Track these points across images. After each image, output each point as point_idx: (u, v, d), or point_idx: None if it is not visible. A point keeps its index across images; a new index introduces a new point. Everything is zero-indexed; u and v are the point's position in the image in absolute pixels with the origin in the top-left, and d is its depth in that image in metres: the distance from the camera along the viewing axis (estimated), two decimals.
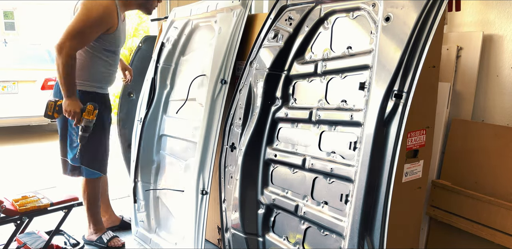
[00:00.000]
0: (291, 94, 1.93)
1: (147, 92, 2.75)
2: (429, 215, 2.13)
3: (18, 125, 6.34)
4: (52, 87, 5.83)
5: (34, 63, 6.23)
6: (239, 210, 2.03)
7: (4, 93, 5.68)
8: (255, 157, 2.00)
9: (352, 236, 1.49)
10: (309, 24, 1.83)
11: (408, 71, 1.39)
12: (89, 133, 2.36)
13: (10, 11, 19.27)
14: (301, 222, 1.81)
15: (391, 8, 1.46)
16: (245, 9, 2.15)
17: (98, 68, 2.44)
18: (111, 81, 2.57)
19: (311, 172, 1.76)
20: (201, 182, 2.17)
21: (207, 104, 2.20)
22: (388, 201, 1.40)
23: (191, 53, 2.57)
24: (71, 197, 2.33)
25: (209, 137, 2.17)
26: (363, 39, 1.60)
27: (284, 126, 1.93)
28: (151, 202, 2.68)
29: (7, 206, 2.12)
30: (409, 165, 1.62)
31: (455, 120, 2.11)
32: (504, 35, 2.01)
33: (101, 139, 2.53)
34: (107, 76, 2.51)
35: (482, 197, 1.89)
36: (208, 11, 2.40)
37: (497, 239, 1.83)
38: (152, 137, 2.70)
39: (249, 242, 2.02)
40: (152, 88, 2.73)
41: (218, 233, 2.58)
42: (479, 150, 2.00)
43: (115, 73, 2.59)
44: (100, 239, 2.64)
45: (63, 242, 2.59)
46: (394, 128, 1.41)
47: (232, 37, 2.17)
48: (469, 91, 2.11)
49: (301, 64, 1.87)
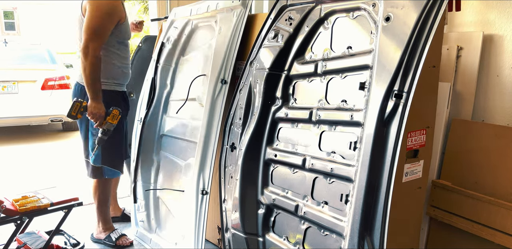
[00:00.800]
0: (291, 94, 1.92)
1: (147, 92, 2.75)
2: (429, 215, 2.13)
3: (18, 125, 6.34)
4: (52, 87, 5.91)
5: (34, 63, 6.23)
6: (239, 210, 2.03)
7: (4, 93, 5.68)
8: (255, 157, 2.00)
9: (352, 236, 1.49)
10: (309, 24, 1.83)
11: (408, 71, 1.39)
12: (108, 136, 2.36)
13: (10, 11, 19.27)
14: (301, 222, 1.81)
15: (391, 8, 1.46)
16: (245, 9, 2.15)
17: (112, 62, 2.43)
18: (126, 76, 2.57)
19: (311, 172, 1.76)
20: (201, 182, 2.17)
21: (207, 104, 2.20)
22: (388, 201, 1.40)
23: (191, 53, 2.57)
24: (71, 197, 2.33)
25: (209, 137, 2.17)
26: (363, 39, 1.60)
27: (284, 126, 1.93)
28: (151, 202, 2.68)
29: (7, 206, 2.12)
30: (409, 165, 1.62)
31: (455, 120, 2.11)
32: (504, 35, 2.01)
33: (121, 139, 2.54)
34: (122, 70, 2.50)
35: (482, 197, 1.89)
36: (208, 11, 2.40)
37: (497, 239, 1.83)
38: (152, 137, 2.70)
39: (249, 242, 2.02)
40: (152, 88, 2.73)
41: (218, 233, 2.58)
42: (479, 150, 2.00)
43: (129, 67, 2.58)
44: (109, 238, 2.65)
45: (63, 242, 2.60)
46: (394, 128, 1.41)
47: (232, 37, 2.17)
48: (469, 91, 2.11)
49: (301, 64, 1.87)
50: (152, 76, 2.73)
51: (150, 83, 2.74)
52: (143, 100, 2.78)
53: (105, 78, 2.40)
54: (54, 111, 5.94)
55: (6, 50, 6.42)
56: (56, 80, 5.98)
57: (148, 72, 2.77)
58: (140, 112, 2.78)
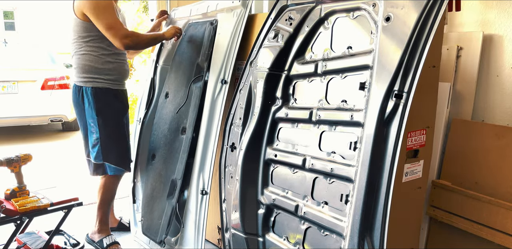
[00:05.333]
0: (291, 94, 1.92)
1: (146, 92, 2.75)
2: (429, 215, 2.13)
3: (18, 125, 6.33)
4: (52, 87, 5.91)
5: (34, 63, 6.23)
6: (239, 210, 2.03)
7: (4, 93, 5.67)
8: (255, 157, 2.00)
9: (352, 236, 1.49)
10: (309, 24, 1.83)
11: (408, 71, 1.39)
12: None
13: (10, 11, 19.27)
14: (301, 222, 1.81)
15: (392, 8, 1.46)
16: (245, 10, 2.15)
17: (105, 59, 2.40)
18: (122, 73, 2.50)
19: (311, 172, 1.76)
20: (201, 182, 2.17)
21: (207, 104, 2.20)
22: (388, 201, 1.40)
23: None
24: (71, 197, 2.33)
25: (209, 137, 2.17)
26: (364, 39, 1.60)
27: (284, 126, 1.93)
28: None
29: (7, 206, 2.12)
30: (409, 165, 1.62)
31: (455, 120, 2.11)
32: (504, 35, 2.01)
33: (120, 136, 2.51)
34: (116, 67, 2.45)
35: (482, 197, 1.89)
36: (208, 11, 2.40)
37: (497, 239, 1.83)
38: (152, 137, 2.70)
39: (249, 242, 2.02)
40: (152, 88, 2.73)
41: (218, 233, 2.58)
42: (479, 150, 2.00)
43: (125, 64, 2.54)
44: (101, 242, 2.60)
45: (63, 242, 2.59)
46: (394, 128, 1.41)
47: (232, 37, 2.17)
48: (469, 91, 2.11)
49: (301, 64, 1.87)
50: (151, 76, 2.73)
51: (149, 83, 2.74)
52: (142, 100, 2.78)
53: (99, 75, 2.39)
54: (54, 111, 5.94)
55: (6, 50, 6.42)
56: (56, 80, 5.98)
57: (147, 72, 2.77)
58: (139, 112, 2.78)
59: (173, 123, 2.42)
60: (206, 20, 2.41)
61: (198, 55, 2.36)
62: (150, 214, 2.48)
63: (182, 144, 2.31)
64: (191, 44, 2.46)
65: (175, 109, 2.43)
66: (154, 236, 2.41)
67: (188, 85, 2.37)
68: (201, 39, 2.37)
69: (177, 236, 2.34)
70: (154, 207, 2.45)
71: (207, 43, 2.32)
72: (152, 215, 2.45)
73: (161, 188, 2.40)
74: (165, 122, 2.49)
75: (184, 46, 2.52)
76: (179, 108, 2.39)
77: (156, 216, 2.41)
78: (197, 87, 2.31)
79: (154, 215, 2.43)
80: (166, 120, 2.49)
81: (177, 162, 2.30)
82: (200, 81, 2.32)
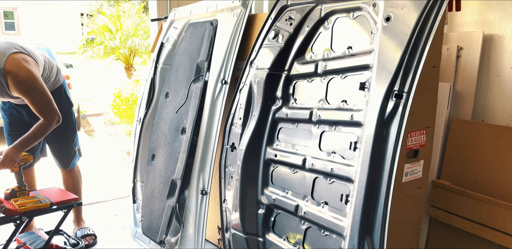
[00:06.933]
0: (291, 94, 1.92)
1: (146, 92, 2.75)
2: (429, 215, 2.13)
3: None
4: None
5: None
6: (239, 210, 2.03)
7: None
8: (255, 157, 2.00)
9: (352, 236, 1.49)
10: (309, 24, 1.83)
11: (409, 71, 1.39)
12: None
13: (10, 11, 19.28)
14: (301, 222, 1.81)
15: (392, 8, 1.46)
16: (245, 10, 2.15)
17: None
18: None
19: (311, 172, 1.76)
20: (201, 182, 2.17)
21: (207, 104, 2.20)
22: (388, 201, 1.40)
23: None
24: (71, 197, 2.33)
25: (209, 137, 2.17)
26: (364, 39, 1.60)
27: (284, 126, 1.93)
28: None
29: (7, 206, 2.12)
30: (409, 165, 1.62)
31: (455, 120, 2.11)
32: (504, 35, 2.01)
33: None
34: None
35: (482, 197, 1.89)
36: (208, 11, 2.40)
37: (497, 239, 1.83)
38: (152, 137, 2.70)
39: (249, 242, 2.02)
40: (152, 88, 2.73)
41: (218, 233, 2.58)
42: (479, 150, 2.00)
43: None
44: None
45: (63, 242, 2.60)
46: (394, 128, 1.41)
47: (232, 37, 2.17)
48: (469, 91, 2.11)
49: (301, 64, 1.87)
50: (151, 76, 2.73)
51: (149, 83, 2.74)
52: (142, 100, 2.78)
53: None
54: None
55: None
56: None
57: (147, 73, 2.77)
58: (139, 112, 2.78)
59: (173, 123, 2.42)
60: (206, 20, 2.41)
61: (198, 55, 2.36)
62: (150, 214, 2.48)
63: (182, 144, 2.31)
64: (191, 44, 2.46)
65: (175, 109, 2.43)
66: (154, 236, 2.41)
67: (188, 85, 2.37)
68: (201, 39, 2.38)
69: (177, 236, 2.34)
70: (154, 207, 2.45)
71: (207, 43, 2.32)
72: (152, 215, 2.45)
73: (161, 188, 2.40)
74: (165, 122, 2.49)
75: (184, 46, 2.52)
76: (179, 108, 2.39)
77: (156, 216, 2.41)
78: (197, 87, 2.31)
79: (154, 215, 2.43)
80: (166, 120, 2.49)
81: (177, 162, 2.30)
82: (200, 81, 2.32)
